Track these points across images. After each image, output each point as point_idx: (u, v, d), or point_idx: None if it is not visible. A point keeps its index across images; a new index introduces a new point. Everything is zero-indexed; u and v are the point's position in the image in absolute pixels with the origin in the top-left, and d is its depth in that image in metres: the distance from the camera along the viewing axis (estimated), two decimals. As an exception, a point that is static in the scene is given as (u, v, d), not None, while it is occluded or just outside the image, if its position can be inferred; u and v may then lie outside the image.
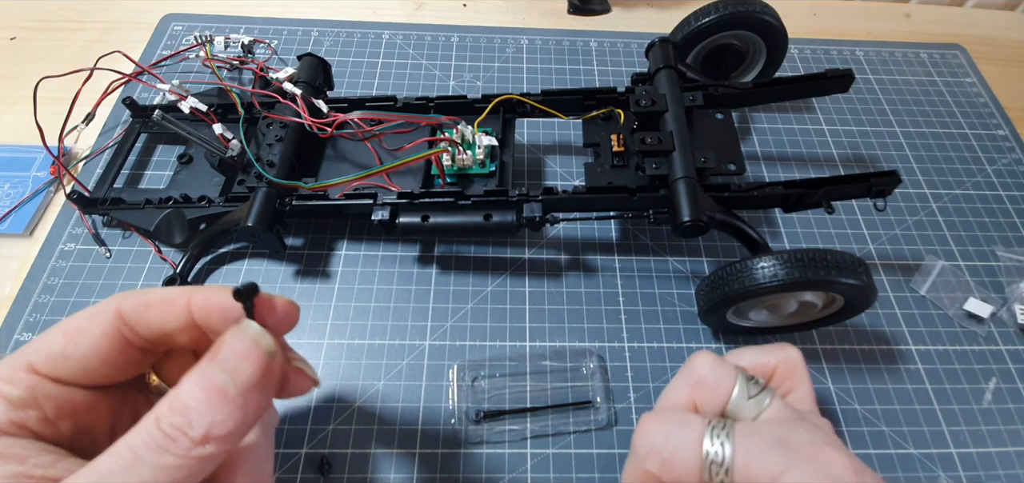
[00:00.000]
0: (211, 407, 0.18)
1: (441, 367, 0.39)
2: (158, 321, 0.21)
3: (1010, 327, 0.42)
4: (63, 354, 0.20)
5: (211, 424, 0.18)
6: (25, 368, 0.20)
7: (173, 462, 0.17)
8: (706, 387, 0.24)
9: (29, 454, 0.19)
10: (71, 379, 0.20)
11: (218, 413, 0.18)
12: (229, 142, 0.41)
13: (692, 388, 0.25)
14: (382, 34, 0.59)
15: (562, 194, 0.39)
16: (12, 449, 0.19)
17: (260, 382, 0.19)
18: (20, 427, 0.19)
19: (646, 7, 0.66)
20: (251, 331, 0.20)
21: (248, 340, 0.20)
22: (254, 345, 0.20)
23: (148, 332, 0.21)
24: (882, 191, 0.38)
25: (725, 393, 0.24)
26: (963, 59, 0.61)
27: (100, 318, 0.21)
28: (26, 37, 0.58)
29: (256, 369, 0.19)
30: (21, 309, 0.40)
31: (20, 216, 0.45)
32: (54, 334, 0.21)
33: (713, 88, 0.44)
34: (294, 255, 0.44)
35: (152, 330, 0.21)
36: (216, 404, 0.18)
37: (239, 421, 0.19)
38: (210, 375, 0.19)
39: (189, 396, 0.18)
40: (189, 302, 0.22)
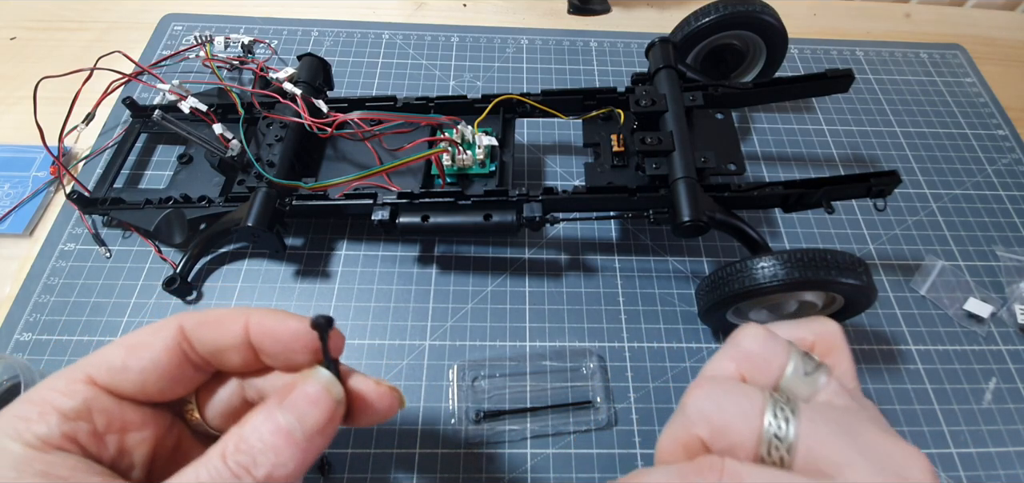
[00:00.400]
0: (276, 449, 0.19)
1: (441, 367, 0.39)
2: (214, 338, 0.22)
3: (1010, 327, 0.42)
4: (124, 366, 0.20)
5: (275, 465, 0.18)
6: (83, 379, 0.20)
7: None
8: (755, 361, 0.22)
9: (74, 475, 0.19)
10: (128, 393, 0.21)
11: (282, 455, 0.19)
12: (229, 142, 0.41)
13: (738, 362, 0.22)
14: (382, 34, 0.59)
15: (562, 194, 0.39)
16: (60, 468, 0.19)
17: (325, 428, 0.20)
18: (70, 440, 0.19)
19: (646, 7, 0.66)
20: (323, 379, 0.21)
21: (320, 387, 0.20)
22: (325, 393, 0.20)
23: (205, 348, 0.22)
24: (882, 191, 0.38)
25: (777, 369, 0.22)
26: (963, 59, 0.61)
27: (163, 333, 0.21)
28: (26, 37, 0.58)
29: (324, 417, 0.20)
30: (21, 309, 0.40)
31: (20, 216, 0.45)
32: (114, 348, 0.21)
33: (713, 88, 0.44)
34: (294, 255, 0.44)
35: (208, 347, 0.22)
36: (281, 446, 0.19)
37: (300, 464, 0.19)
38: (278, 418, 0.19)
39: (255, 436, 0.19)
40: (247, 322, 0.22)
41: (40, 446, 0.19)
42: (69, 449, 0.19)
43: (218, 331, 0.22)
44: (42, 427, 0.19)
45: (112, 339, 0.39)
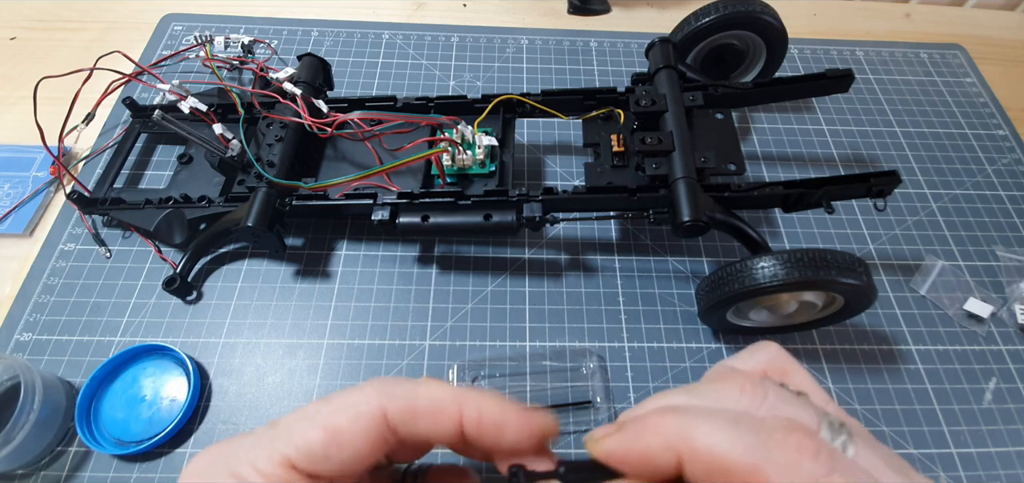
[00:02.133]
0: None
1: (441, 367, 0.39)
2: (426, 431, 0.20)
3: (1010, 327, 0.42)
4: (325, 456, 0.19)
5: None
6: (284, 464, 0.19)
7: None
8: None
9: None
10: (326, 477, 0.19)
11: None
12: (229, 142, 0.41)
13: None
14: (382, 34, 0.59)
15: (562, 194, 0.39)
16: None
17: None
18: None
19: (646, 7, 0.66)
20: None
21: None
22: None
23: (412, 439, 0.20)
24: (882, 191, 0.38)
25: None
26: (963, 59, 0.61)
27: (364, 422, 0.19)
28: (26, 37, 0.58)
29: None
30: (21, 309, 0.40)
31: (20, 216, 0.45)
32: (312, 429, 0.19)
33: (713, 88, 0.44)
34: (294, 255, 0.44)
35: (418, 439, 0.20)
36: None
37: None
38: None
39: None
40: (460, 414, 0.20)
41: None
42: None
43: (431, 424, 0.20)
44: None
45: (112, 339, 0.39)
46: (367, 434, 0.19)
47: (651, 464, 0.18)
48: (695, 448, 0.17)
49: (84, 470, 0.35)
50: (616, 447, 0.19)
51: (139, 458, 0.35)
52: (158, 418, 0.36)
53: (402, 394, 0.20)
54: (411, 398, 0.20)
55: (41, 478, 0.35)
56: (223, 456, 0.20)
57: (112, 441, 0.35)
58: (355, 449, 0.19)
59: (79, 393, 0.36)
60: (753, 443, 0.16)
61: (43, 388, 0.34)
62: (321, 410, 0.20)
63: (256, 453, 0.19)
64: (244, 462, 0.19)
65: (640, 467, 0.18)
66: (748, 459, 0.16)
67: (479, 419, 0.20)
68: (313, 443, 0.19)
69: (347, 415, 0.19)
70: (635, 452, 0.18)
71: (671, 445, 0.17)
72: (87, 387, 0.36)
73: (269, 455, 0.19)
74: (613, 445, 0.19)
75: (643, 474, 0.18)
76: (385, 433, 0.20)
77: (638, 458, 0.18)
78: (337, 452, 0.19)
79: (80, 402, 0.35)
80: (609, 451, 0.19)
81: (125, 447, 0.35)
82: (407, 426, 0.20)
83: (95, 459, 0.35)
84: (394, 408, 0.20)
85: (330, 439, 0.19)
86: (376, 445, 0.19)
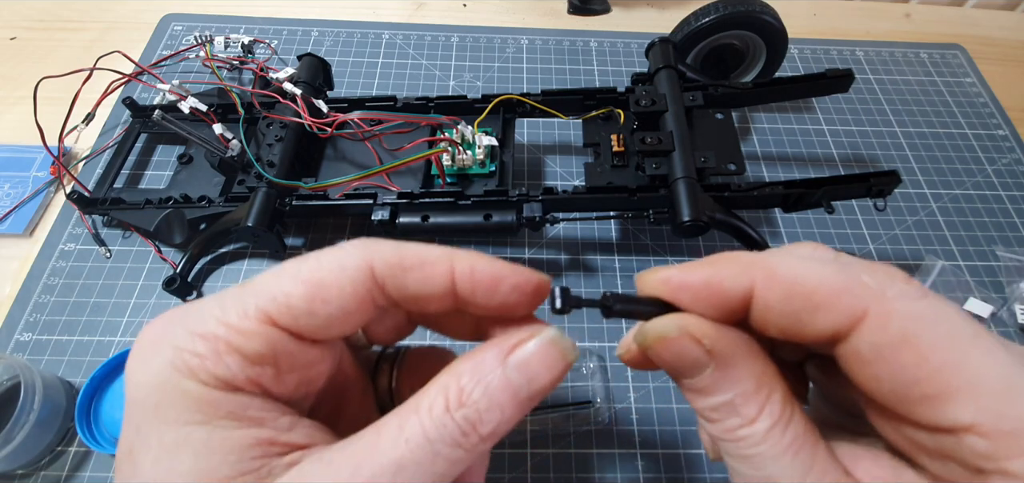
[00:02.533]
0: (502, 407, 0.17)
1: (441, 367, 0.39)
2: (417, 288, 0.18)
3: (1010, 327, 0.42)
4: (309, 311, 0.17)
5: (499, 423, 0.17)
6: (262, 319, 0.17)
7: (463, 456, 0.16)
8: None
9: (266, 416, 0.17)
10: (309, 335, 0.18)
11: (507, 412, 0.17)
12: (229, 142, 0.41)
13: None
14: (382, 34, 0.59)
15: (562, 194, 0.39)
16: (248, 409, 0.16)
17: (547, 392, 0.17)
18: (255, 384, 0.17)
19: (646, 7, 0.66)
20: (563, 344, 0.17)
21: (557, 353, 0.17)
22: (561, 358, 0.17)
23: (401, 296, 0.18)
24: (882, 191, 0.38)
25: None
26: (963, 59, 0.61)
27: (350, 273, 0.18)
28: (26, 37, 0.58)
29: (552, 382, 0.17)
30: (21, 309, 0.40)
31: (20, 216, 0.45)
32: (292, 283, 0.17)
33: (713, 88, 0.44)
34: (294, 255, 0.44)
35: (406, 295, 0.18)
36: (507, 404, 0.17)
37: (516, 422, 0.17)
38: (508, 375, 0.17)
39: (480, 390, 0.16)
40: (451, 269, 0.18)
41: (221, 386, 0.16)
42: (253, 392, 0.17)
43: (421, 278, 0.18)
44: (221, 369, 0.16)
45: (112, 339, 0.39)
46: (354, 287, 0.17)
47: (717, 292, 0.16)
48: (775, 271, 0.16)
49: (84, 470, 0.35)
50: (676, 273, 0.17)
51: (139, 458, 0.35)
52: (158, 418, 0.36)
53: (390, 249, 0.18)
54: (399, 251, 0.18)
55: (41, 478, 0.35)
56: (180, 318, 0.17)
57: (112, 441, 0.35)
58: (342, 303, 0.17)
59: (79, 393, 0.36)
60: (840, 269, 0.15)
61: (43, 388, 0.34)
62: (300, 266, 0.18)
63: (223, 310, 0.17)
64: (211, 320, 0.17)
65: (703, 296, 0.16)
66: (835, 281, 0.15)
67: (472, 272, 0.18)
68: (294, 296, 0.17)
69: (330, 268, 0.18)
70: (700, 278, 0.16)
71: (746, 270, 0.16)
72: (87, 387, 0.36)
73: (241, 310, 0.17)
74: (673, 272, 0.17)
75: (703, 305, 0.17)
76: (372, 289, 0.18)
77: (702, 285, 0.16)
78: (322, 307, 0.17)
79: (80, 402, 0.35)
80: (667, 277, 0.17)
81: (125, 447, 0.35)
82: (396, 280, 0.18)
83: (95, 459, 0.35)
84: (381, 261, 0.18)
85: (313, 292, 0.17)
86: (364, 301, 0.18)
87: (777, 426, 0.16)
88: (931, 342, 0.14)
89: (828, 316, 0.15)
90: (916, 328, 0.14)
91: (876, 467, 0.16)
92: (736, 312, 0.16)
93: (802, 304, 0.15)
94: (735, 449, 0.16)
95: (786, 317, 0.16)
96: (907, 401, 0.14)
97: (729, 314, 0.16)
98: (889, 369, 0.14)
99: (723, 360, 0.16)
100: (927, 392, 0.14)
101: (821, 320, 0.15)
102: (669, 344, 0.17)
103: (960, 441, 0.14)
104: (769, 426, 0.16)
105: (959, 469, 0.14)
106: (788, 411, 0.16)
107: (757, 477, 0.16)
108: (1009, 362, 0.14)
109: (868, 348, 0.15)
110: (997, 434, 0.13)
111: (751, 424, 0.16)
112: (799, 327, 0.16)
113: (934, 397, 0.14)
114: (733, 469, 0.17)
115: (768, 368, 0.17)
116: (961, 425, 0.13)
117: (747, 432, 0.16)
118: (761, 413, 0.16)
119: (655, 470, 0.36)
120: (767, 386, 0.16)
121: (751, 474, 0.16)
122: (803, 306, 0.15)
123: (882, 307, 0.14)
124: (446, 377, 0.17)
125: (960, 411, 0.13)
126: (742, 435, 0.16)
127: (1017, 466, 0.13)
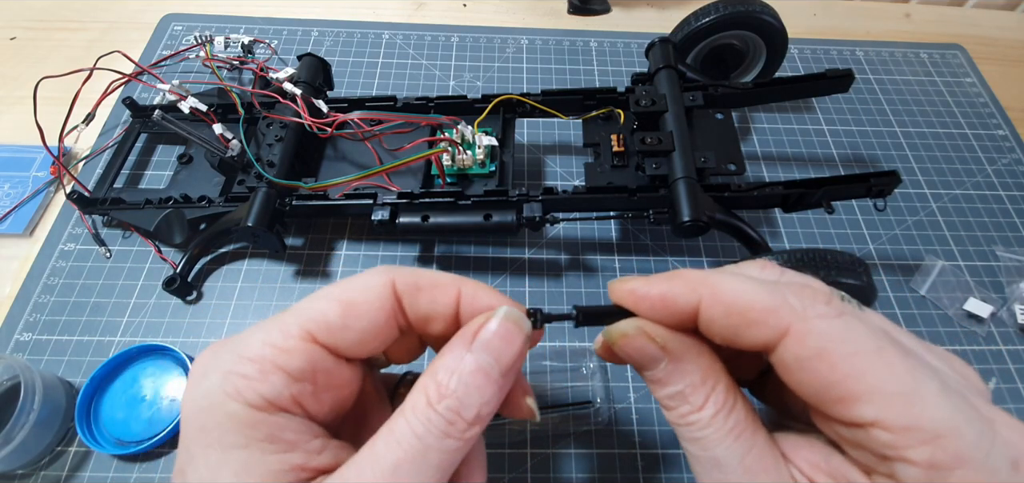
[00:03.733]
0: (479, 388, 0.18)
1: (441, 367, 0.39)
2: (427, 308, 0.21)
3: (1010, 327, 0.42)
4: (344, 326, 0.19)
5: (481, 405, 0.18)
6: (303, 336, 0.19)
7: (454, 446, 0.18)
8: None
9: (300, 439, 0.18)
10: (344, 351, 0.20)
11: (485, 394, 0.18)
12: (229, 142, 0.41)
13: None
14: (382, 34, 0.59)
15: (562, 194, 0.39)
16: (285, 432, 0.18)
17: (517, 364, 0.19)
18: (296, 402, 0.18)
19: (646, 7, 0.66)
20: (513, 315, 0.20)
21: (511, 325, 0.19)
22: (519, 330, 0.20)
23: (414, 315, 0.21)
24: (882, 191, 0.38)
25: None
26: (963, 59, 0.61)
27: (377, 291, 0.20)
28: (26, 37, 0.58)
29: (517, 352, 0.19)
30: (21, 309, 0.40)
31: (20, 216, 0.45)
32: (328, 303, 0.19)
33: (713, 88, 0.44)
34: (294, 255, 0.44)
35: (419, 314, 0.21)
36: (482, 385, 0.18)
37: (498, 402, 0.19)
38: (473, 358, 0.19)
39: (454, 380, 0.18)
40: (458, 294, 0.21)
41: (265, 407, 0.18)
42: (294, 411, 0.18)
43: (432, 299, 0.21)
44: (266, 387, 0.18)
45: (112, 339, 0.39)
46: (381, 302, 0.20)
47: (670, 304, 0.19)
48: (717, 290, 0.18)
49: (84, 470, 0.35)
50: (639, 286, 0.19)
51: (139, 458, 0.35)
52: (158, 418, 0.36)
53: (408, 271, 0.21)
54: (415, 274, 0.21)
55: (41, 478, 0.35)
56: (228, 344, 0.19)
57: (112, 441, 0.35)
58: (371, 318, 0.20)
59: (79, 393, 0.36)
60: (771, 291, 0.18)
61: (43, 388, 0.34)
62: (331, 290, 0.20)
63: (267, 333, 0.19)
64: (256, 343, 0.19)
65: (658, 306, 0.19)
66: (766, 301, 0.17)
67: (474, 298, 0.21)
68: (330, 314, 0.19)
69: (359, 288, 0.20)
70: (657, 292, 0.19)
71: (695, 288, 0.18)
72: (87, 387, 0.36)
73: (284, 330, 0.19)
74: (637, 284, 0.20)
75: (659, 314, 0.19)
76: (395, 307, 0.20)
77: (658, 298, 0.19)
78: (355, 321, 0.19)
79: (80, 402, 0.35)
80: (632, 288, 0.20)
81: (125, 447, 0.35)
82: (411, 298, 0.20)
83: (95, 459, 0.35)
84: (401, 281, 0.20)
85: (347, 310, 0.19)
86: (389, 317, 0.20)
87: (721, 413, 0.18)
88: (840, 354, 0.17)
89: (759, 331, 0.18)
90: (827, 344, 0.17)
91: (811, 452, 0.18)
92: (686, 321, 0.19)
93: (738, 320, 0.18)
94: (687, 432, 0.19)
95: (726, 329, 0.18)
96: (827, 402, 0.17)
97: (681, 322, 0.19)
98: (808, 376, 0.17)
99: (674, 356, 0.19)
100: (839, 395, 0.17)
101: (754, 333, 0.18)
102: (629, 340, 0.19)
103: (869, 434, 0.16)
104: (714, 412, 0.18)
105: (871, 455, 0.17)
106: (730, 400, 0.19)
107: (705, 456, 0.19)
108: (905, 370, 0.16)
109: (792, 359, 0.17)
110: (896, 428, 0.16)
111: (699, 411, 0.19)
112: (737, 337, 0.18)
113: (844, 399, 0.16)
114: (688, 451, 0.19)
115: (714, 364, 0.19)
116: (867, 421, 0.16)
117: (696, 417, 0.19)
118: (707, 401, 0.19)
119: (655, 470, 0.36)
120: (712, 378, 0.19)
121: (701, 454, 0.19)
122: (739, 321, 0.18)
123: (802, 326, 0.17)
124: (424, 378, 0.19)
125: (865, 410, 0.16)
126: (692, 420, 0.19)
127: (914, 454, 0.15)
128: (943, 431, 0.15)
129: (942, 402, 0.16)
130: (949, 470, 0.15)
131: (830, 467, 0.18)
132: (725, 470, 0.18)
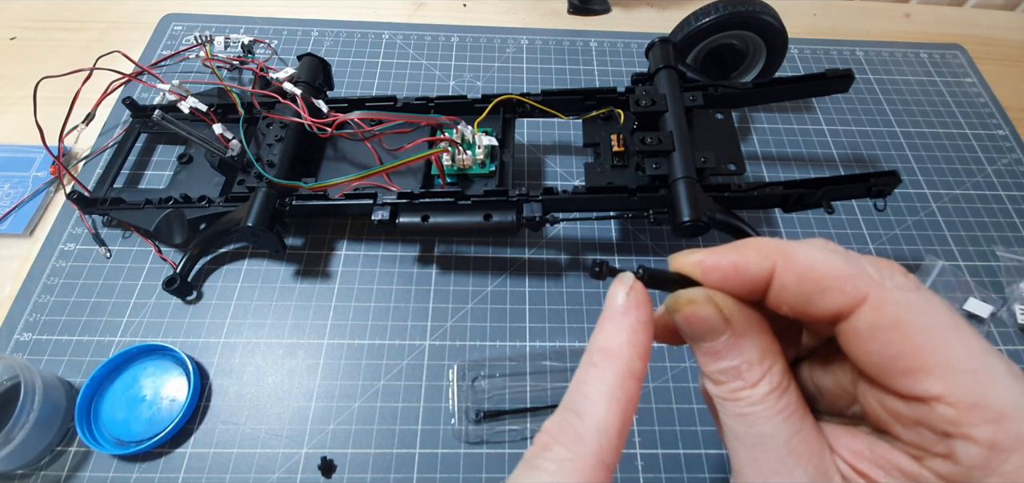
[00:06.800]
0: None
1: (441, 367, 0.39)
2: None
3: (1010, 327, 0.42)
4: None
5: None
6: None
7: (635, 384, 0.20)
8: None
9: None
10: None
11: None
12: (229, 142, 0.41)
13: None
14: (382, 34, 0.59)
15: (562, 194, 0.39)
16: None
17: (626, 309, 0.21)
18: None
19: (646, 7, 0.66)
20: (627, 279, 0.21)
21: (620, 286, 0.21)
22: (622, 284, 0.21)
23: None
24: (882, 191, 0.38)
25: None
26: (963, 59, 0.61)
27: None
28: (26, 37, 0.58)
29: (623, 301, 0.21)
30: (21, 309, 0.40)
31: (20, 216, 0.45)
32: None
33: (713, 88, 0.44)
34: (294, 255, 0.44)
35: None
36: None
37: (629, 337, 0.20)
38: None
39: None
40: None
41: None
42: None
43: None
44: None
45: (112, 339, 0.39)
46: None
47: (743, 271, 0.19)
48: (791, 257, 0.18)
49: (84, 470, 0.35)
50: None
51: (139, 458, 0.35)
52: (158, 418, 0.36)
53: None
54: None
55: (41, 478, 0.35)
56: None
57: (112, 441, 0.35)
58: None
59: (79, 393, 0.36)
60: (848, 259, 0.18)
61: (43, 388, 0.34)
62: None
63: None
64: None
65: (730, 276, 0.19)
66: (842, 269, 0.17)
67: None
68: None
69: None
70: (728, 261, 0.19)
71: (768, 255, 0.18)
72: (87, 387, 0.36)
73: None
74: (704, 255, 0.19)
75: (729, 283, 0.19)
76: None
77: (730, 266, 0.19)
78: None
79: (80, 402, 0.35)
80: (700, 260, 0.19)
81: (125, 447, 0.35)
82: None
83: (95, 459, 0.35)
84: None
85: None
86: None
87: (775, 392, 0.18)
88: (917, 327, 0.16)
89: (834, 298, 0.17)
90: (906, 314, 0.17)
91: (854, 441, 0.18)
92: (757, 291, 0.19)
93: (813, 287, 0.18)
94: (734, 408, 0.19)
95: (799, 296, 0.18)
96: (892, 373, 0.17)
97: (751, 292, 0.19)
98: (879, 345, 0.17)
99: (738, 330, 0.19)
100: (909, 366, 0.16)
101: (828, 301, 0.17)
102: (697, 307, 0.19)
103: (931, 409, 0.16)
104: (767, 391, 0.18)
105: (929, 434, 0.16)
106: (786, 382, 0.19)
107: (749, 433, 0.19)
108: (979, 350, 0.16)
109: (865, 326, 0.17)
110: (962, 405, 0.16)
111: (752, 387, 0.19)
112: (808, 305, 0.18)
113: (913, 371, 0.16)
114: (728, 427, 0.19)
115: (774, 345, 0.19)
116: (932, 395, 0.16)
117: (747, 394, 0.19)
118: (762, 379, 0.18)
119: (655, 470, 0.36)
120: (771, 358, 0.19)
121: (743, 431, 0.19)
122: (814, 288, 0.18)
123: (880, 294, 0.17)
124: None
125: (933, 384, 0.16)
126: (742, 396, 0.19)
127: (977, 432, 0.15)
128: (1008, 412, 0.15)
129: (1011, 384, 0.16)
130: (1008, 452, 0.15)
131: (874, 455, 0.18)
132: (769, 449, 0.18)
